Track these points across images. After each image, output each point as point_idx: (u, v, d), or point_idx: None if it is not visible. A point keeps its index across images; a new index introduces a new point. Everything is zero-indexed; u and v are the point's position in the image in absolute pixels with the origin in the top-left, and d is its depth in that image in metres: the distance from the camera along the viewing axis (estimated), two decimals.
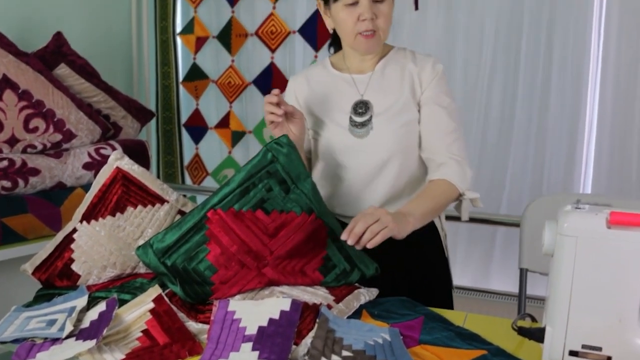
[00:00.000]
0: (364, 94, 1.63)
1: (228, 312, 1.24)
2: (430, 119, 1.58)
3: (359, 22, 1.52)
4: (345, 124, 1.61)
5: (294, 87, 1.73)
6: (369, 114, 1.60)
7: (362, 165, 1.60)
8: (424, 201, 1.49)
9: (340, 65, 1.69)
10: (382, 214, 1.31)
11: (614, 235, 1.05)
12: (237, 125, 3.33)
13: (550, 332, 1.11)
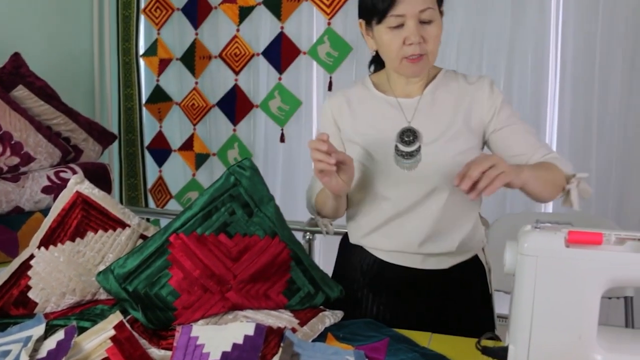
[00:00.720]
0: (411, 120, 1.48)
1: (191, 338, 1.21)
2: (513, 142, 1.45)
3: (405, 46, 1.38)
4: (391, 153, 1.47)
5: (331, 108, 1.56)
6: (418, 143, 1.45)
7: (404, 197, 1.47)
8: (538, 167, 1.37)
9: (384, 87, 1.54)
10: (497, 159, 1.23)
11: (573, 253, 1.08)
12: (201, 147, 3.31)
13: (513, 350, 1.12)
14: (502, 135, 1.46)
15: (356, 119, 1.52)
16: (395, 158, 1.46)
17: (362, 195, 1.52)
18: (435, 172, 1.44)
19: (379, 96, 1.52)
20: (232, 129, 3.22)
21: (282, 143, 3.13)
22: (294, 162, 3.15)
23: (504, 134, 1.46)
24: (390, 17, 1.36)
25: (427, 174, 1.44)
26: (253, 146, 3.21)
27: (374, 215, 1.51)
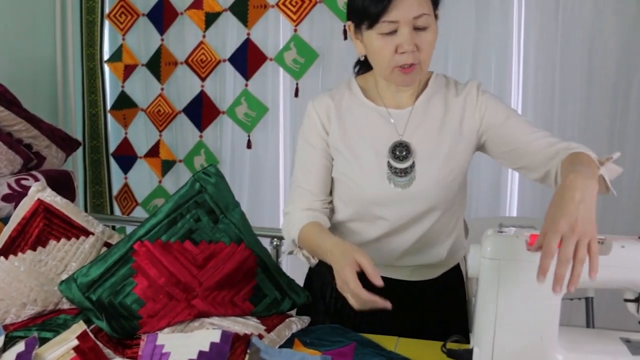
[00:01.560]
0: (403, 134, 1.39)
1: (156, 346, 1.20)
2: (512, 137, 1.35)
3: (397, 54, 1.28)
4: (383, 170, 1.38)
5: (318, 112, 1.44)
6: (411, 159, 1.37)
7: (399, 216, 1.39)
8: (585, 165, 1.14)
9: (372, 93, 1.44)
10: (575, 224, 0.96)
11: (534, 256, 1.09)
12: (167, 154, 3.27)
13: (478, 353, 1.14)
14: (498, 136, 1.37)
15: (344, 127, 1.42)
16: (388, 175, 1.37)
17: (352, 211, 1.44)
18: (431, 191, 1.37)
19: (369, 105, 1.42)
20: (198, 136, 3.20)
21: (249, 149, 3.12)
22: (260, 168, 3.14)
23: (499, 134, 1.37)
24: (383, 23, 1.26)
25: (423, 193, 1.37)
26: (220, 152, 3.19)
27: (366, 232, 1.44)
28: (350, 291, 1.15)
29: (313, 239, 1.36)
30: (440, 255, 1.46)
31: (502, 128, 1.37)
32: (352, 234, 1.46)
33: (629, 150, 2.62)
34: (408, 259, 1.45)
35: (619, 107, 2.61)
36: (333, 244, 1.26)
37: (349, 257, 1.18)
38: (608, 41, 2.58)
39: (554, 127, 2.68)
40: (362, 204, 1.41)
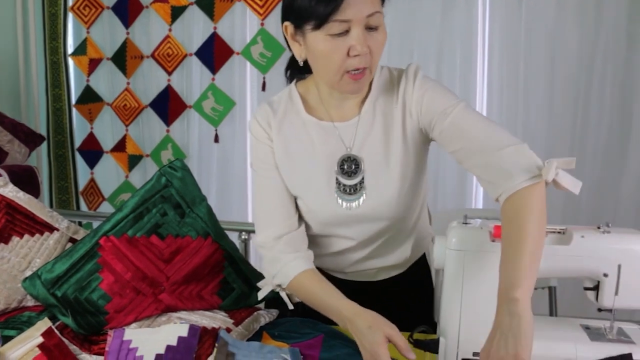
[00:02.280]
0: (351, 147, 1.28)
1: (123, 342, 1.19)
2: (453, 137, 1.20)
3: (349, 58, 1.14)
4: (332, 188, 1.28)
5: (261, 125, 1.32)
6: (360, 174, 1.27)
7: (362, 233, 1.33)
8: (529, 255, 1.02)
9: (314, 104, 1.31)
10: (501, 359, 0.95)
11: (498, 247, 1.12)
12: (134, 148, 3.24)
13: (444, 342, 1.16)
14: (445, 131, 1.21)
15: (288, 146, 1.30)
16: (337, 194, 1.28)
17: (313, 230, 1.35)
18: (384, 208, 1.29)
19: (311, 121, 1.29)
20: (165, 130, 3.17)
21: (217, 143, 3.11)
22: (228, 162, 3.13)
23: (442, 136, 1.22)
24: (334, 23, 1.11)
25: (375, 210, 1.29)
26: (187, 147, 3.17)
27: (330, 246, 1.38)
28: None
29: (314, 293, 1.26)
30: (404, 254, 1.43)
31: (439, 124, 1.21)
32: (317, 246, 1.38)
33: (589, 143, 2.68)
34: (372, 263, 1.42)
35: (580, 100, 2.68)
36: (353, 313, 1.17)
37: (378, 332, 1.10)
38: (570, 36, 2.64)
39: (519, 121, 2.73)
40: (320, 226, 1.34)
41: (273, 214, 1.32)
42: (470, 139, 1.18)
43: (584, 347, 1.13)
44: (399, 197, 1.28)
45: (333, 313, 1.21)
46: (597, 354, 1.11)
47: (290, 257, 1.29)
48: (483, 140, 1.16)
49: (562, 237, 1.14)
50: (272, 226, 1.31)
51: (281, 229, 1.30)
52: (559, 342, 1.15)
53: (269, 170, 1.32)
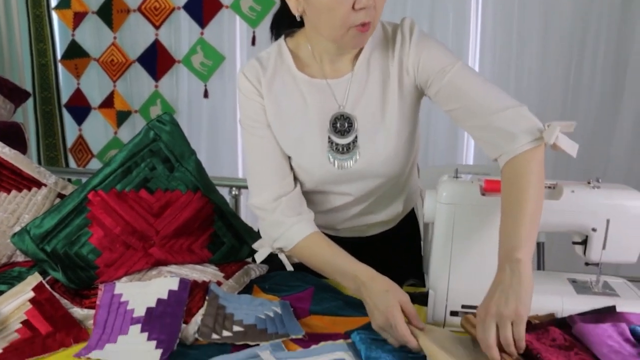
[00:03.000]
0: (344, 104, 1.26)
1: (114, 296, 1.20)
2: (451, 96, 1.19)
3: (355, 12, 1.11)
4: (324, 148, 1.26)
5: (251, 82, 1.27)
6: (353, 133, 1.24)
7: (358, 190, 1.31)
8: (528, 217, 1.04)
9: (306, 61, 1.27)
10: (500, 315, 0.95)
11: (488, 201, 1.12)
12: (122, 104, 3.20)
13: (433, 295, 1.17)
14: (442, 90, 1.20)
15: (279, 104, 1.27)
16: (330, 153, 1.26)
17: (308, 187, 1.33)
18: (379, 167, 1.27)
19: (303, 78, 1.26)
20: (154, 85, 3.13)
21: (206, 99, 3.07)
22: (218, 118, 3.10)
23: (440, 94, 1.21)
24: None
25: (369, 169, 1.28)
26: (176, 102, 3.14)
27: (327, 203, 1.36)
28: (400, 336, 1.04)
29: (324, 258, 1.23)
30: (397, 209, 1.42)
31: (437, 83, 1.20)
32: (312, 204, 1.35)
33: (583, 99, 2.68)
34: (365, 219, 1.42)
35: (574, 60, 2.66)
36: (370, 277, 1.15)
37: (393, 297, 1.08)
38: None
39: (511, 78, 2.72)
40: (315, 184, 1.31)
41: (268, 175, 1.28)
42: (469, 99, 1.17)
43: (570, 299, 1.15)
44: (395, 155, 1.27)
45: (347, 278, 1.18)
46: (582, 307, 1.12)
47: (293, 220, 1.25)
48: (482, 101, 1.15)
49: (552, 192, 1.14)
50: (269, 188, 1.27)
51: (278, 190, 1.27)
52: (546, 295, 1.16)
53: (261, 129, 1.28)
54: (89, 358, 1.03)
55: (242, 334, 1.09)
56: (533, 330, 1.04)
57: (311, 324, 1.16)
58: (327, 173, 1.27)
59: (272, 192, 1.27)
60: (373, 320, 1.10)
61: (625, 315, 1.09)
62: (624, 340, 1.00)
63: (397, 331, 1.04)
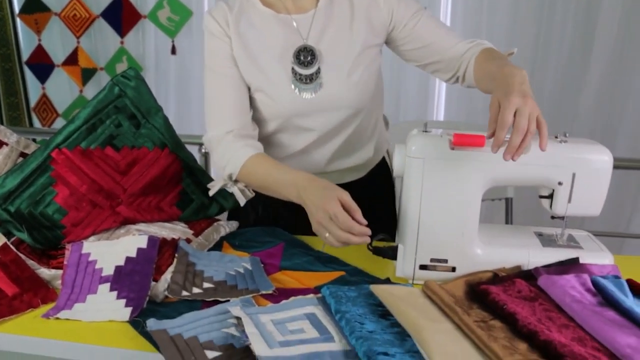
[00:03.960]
0: (307, 38, 1.32)
1: (82, 255, 1.18)
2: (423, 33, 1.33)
3: None
4: (288, 79, 1.31)
5: (218, 22, 1.32)
6: (316, 64, 1.30)
7: (322, 125, 1.35)
8: (505, 58, 1.21)
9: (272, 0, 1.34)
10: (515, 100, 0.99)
11: (457, 155, 1.13)
12: (87, 62, 3.11)
13: (402, 249, 1.18)
14: (409, 30, 1.34)
15: (245, 37, 1.32)
16: (293, 83, 1.31)
17: (275, 125, 1.37)
18: (343, 95, 1.32)
19: (268, 13, 1.33)
20: (119, 42, 3.05)
21: (174, 55, 3.01)
22: (187, 75, 3.05)
23: (410, 28, 1.34)
24: None
25: (332, 100, 1.32)
26: (143, 59, 3.07)
27: (292, 144, 1.39)
28: (341, 223, 1.07)
29: (268, 173, 1.26)
30: (368, 153, 1.46)
31: (411, 24, 1.34)
32: (278, 146, 1.40)
33: (552, 55, 2.69)
34: (337, 164, 1.44)
35: (544, 14, 2.65)
36: (309, 179, 1.18)
37: (331, 192, 1.11)
38: None
39: (482, 33, 2.71)
40: (282, 117, 1.35)
41: (226, 110, 1.33)
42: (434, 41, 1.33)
43: (536, 252, 1.17)
44: (357, 85, 1.32)
45: (288, 186, 1.21)
46: (547, 259, 1.15)
47: (240, 144, 1.29)
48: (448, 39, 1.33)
49: None
50: (225, 122, 1.32)
51: (234, 124, 1.31)
52: (512, 248, 1.19)
53: (225, 67, 1.32)
54: (58, 318, 1.02)
55: (212, 291, 1.09)
56: (500, 283, 1.06)
57: (281, 279, 1.16)
58: (291, 103, 1.32)
59: (227, 126, 1.31)
60: (313, 220, 1.12)
61: (588, 266, 1.12)
62: (585, 290, 1.02)
63: (338, 220, 1.07)
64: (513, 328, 0.93)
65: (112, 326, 1.00)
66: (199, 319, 0.98)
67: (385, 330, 0.93)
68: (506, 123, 0.99)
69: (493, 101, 1.04)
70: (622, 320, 0.93)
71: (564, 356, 0.83)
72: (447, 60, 1.34)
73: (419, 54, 1.37)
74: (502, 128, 0.99)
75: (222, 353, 0.89)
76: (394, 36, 1.37)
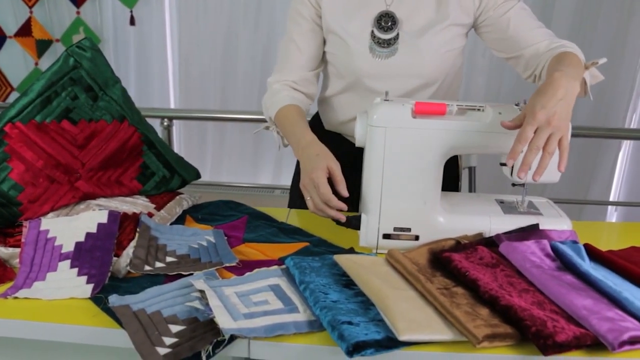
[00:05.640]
0: (390, 4, 1.33)
1: (41, 232, 1.15)
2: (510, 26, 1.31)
3: None
4: (366, 42, 1.33)
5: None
6: (396, 30, 1.32)
7: (391, 90, 1.28)
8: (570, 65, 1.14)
9: None
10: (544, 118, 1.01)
11: (418, 124, 1.13)
12: (42, 33, 3.01)
13: (365, 219, 1.18)
14: (495, 19, 1.32)
15: (334, 1, 1.35)
16: (370, 45, 1.33)
17: (344, 83, 1.40)
18: (413, 65, 1.34)
19: None
20: (75, 12, 2.95)
21: (133, 26, 2.93)
22: (146, 46, 2.98)
23: (496, 17, 1.32)
24: None
25: (405, 66, 1.34)
26: (101, 30, 2.98)
27: (357, 106, 1.38)
28: (320, 194, 1.13)
29: (290, 123, 1.32)
30: None
31: (499, 12, 1.32)
32: (343, 107, 1.44)
33: None
34: None
35: None
36: (309, 142, 1.23)
37: (322, 160, 1.16)
38: None
39: None
40: (352, 76, 1.37)
41: (291, 61, 1.40)
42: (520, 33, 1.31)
43: (497, 219, 1.19)
44: (430, 58, 1.33)
45: (293, 140, 1.28)
46: (508, 226, 1.17)
47: (284, 93, 1.37)
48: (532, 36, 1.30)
49: (481, 114, 1.16)
50: (284, 73, 1.40)
51: (291, 76, 1.39)
52: (475, 216, 1.20)
53: (306, 24, 1.38)
54: (17, 297, 0.99)
55: (175, 265, 1.08)
56: (462, 250, 1.07)
57: (245, 251, 1.16)
58: (366, 61, 1.34)
59: (284, 76, 1.39)
60: (301, 181, 1.18)
61: (547, 232, 1.14)
62: (545, 256, 1.04)
63: (319, 190, 1.12)
64: (475, 294, 0.95)
65: (73, 303, 0.98)
66: (162, 293, 0.97)
67: (349, 300, 0.94)
68: (525, 138, 1.01)
69: (527, 107, 1.06)
70: (579, 284, 0.96)
71: (523, 320, 0.85)
72: (527, 57, 1.31)
73: (500, 45, 1.35)
74: (519, 141, 1.02)
75: (186, 327, 0.89)
76: (480, 21, 1.35)
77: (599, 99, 2.99)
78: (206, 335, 0.86)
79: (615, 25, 2.86)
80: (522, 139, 1.01)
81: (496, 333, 0.85)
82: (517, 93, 2.75)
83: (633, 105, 3.03)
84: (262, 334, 0.87)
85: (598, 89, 2.92)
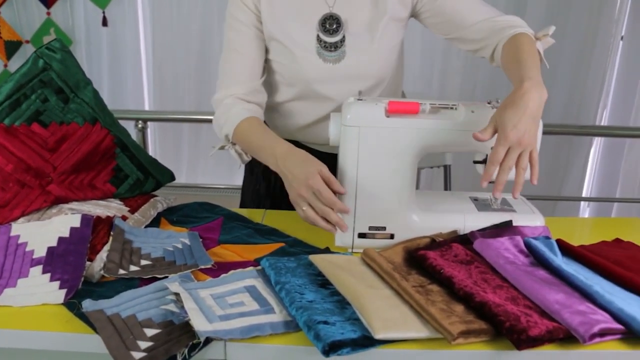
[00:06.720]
0: (333, 6, 1.32)
1: (11, 237, 1.13)
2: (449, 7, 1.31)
3: None
4: (313, 47, 1.32)
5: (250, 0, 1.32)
6: (341, 32, 1.31)
7: (343, 94, 1.30)
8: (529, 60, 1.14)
9: None
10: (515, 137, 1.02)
11: (392, 123, 1.13)
12: (10, 34, 2.96)
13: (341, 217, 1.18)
14: (432, 3, 1.32)
15: (272, 8, 1.32)
16: (317, 50, 1.32)
17: (295, 91, 1.38)
18: (364, 67, 1.34)
19: None
20: (45, 13, 2.91)
21: (105, 27, 2.89)
22: (119, 48, 2.95)
23: (440, 9, 1.32)
24: None
25: (355, 68, 1.33)
26: (72, 31, 2.94)
27: (309, 113, 1.39)
28: (324, 199, 1.09)
29: (256, 137, 1.26)
30: None
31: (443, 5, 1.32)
32: (295, 115, 1.41)
33: None
34: None
35: None
36: (287, 150, 1.18)
37: (312, 166, 1.11)
38: None
39: None
40: (302, 83, 1.35)
41: (235, 74, 1.34)
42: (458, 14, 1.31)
43: (471, 217, 1.20)
44: (379, 58, 1.33)
45: (266, 152, 1.22)
46: (482, 223, 1.18)
47: (238, 107, 1.30)
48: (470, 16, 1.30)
49: (453, 113, 1.17)
50: (231, 86, 1.33)
51: (240, 89, 1.33)
52: (449, 214, 1.21)
53: (245, 27, 1.33)
54: None
55: (150, 268, 1.07)
56: (437, 248, 1.08)
57: (221, 253, 1.15)
58: (315, 68, 1.32)
59: (232, 90, 1.33)
60: (291, 192, 1.14)
61: (520, 228, 1.16)
62: (518, 252, 1.06)
63: (321, 195, 1.08)
64: (450, 291, 0.96)
65: (46, 310, 0.96)
66: (137, 297, 0.96)
67: (325, 300, 0.94)
68: (497, 160, 1.03)
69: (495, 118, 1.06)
70: (551, 279, 0.97)
71: (497, 315, 0.86)
72: (470, 37, 1.31)
73: (442, 28, 1.35)
74: (492, 163, 1.03)
75: (161, 330, 0.88)
76: (418, 9, 1.35)
77: (570, 97, 3.04)
78: (182, 338, 0.86)
79: (585, 24, 2.91)
80: (494, 160, 1.03)
81: (471, 329, 0.86)
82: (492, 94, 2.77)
83: (603, 103, 3.08)
84: (238, 336, 0.87)
85: (569, 87, 2.98)
